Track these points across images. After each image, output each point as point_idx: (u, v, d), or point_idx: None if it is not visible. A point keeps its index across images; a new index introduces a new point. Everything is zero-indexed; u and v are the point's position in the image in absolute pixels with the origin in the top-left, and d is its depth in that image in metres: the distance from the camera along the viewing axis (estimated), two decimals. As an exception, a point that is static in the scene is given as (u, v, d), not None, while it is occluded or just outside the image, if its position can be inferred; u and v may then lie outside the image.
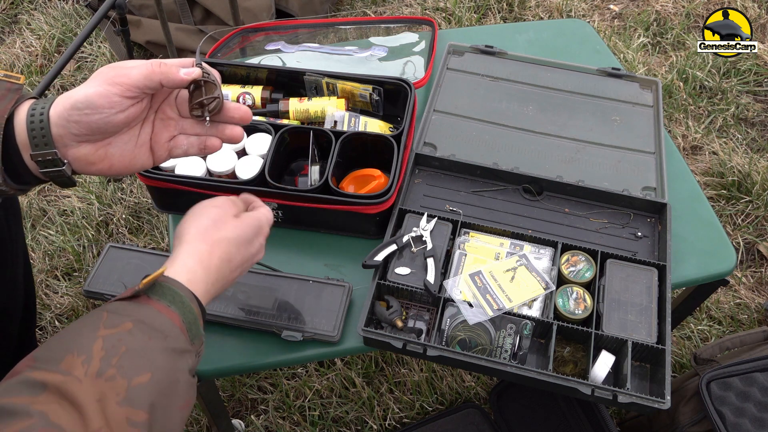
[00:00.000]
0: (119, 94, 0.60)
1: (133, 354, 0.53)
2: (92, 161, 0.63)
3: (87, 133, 0.61)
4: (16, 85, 0.62)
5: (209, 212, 0.68)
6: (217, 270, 0.64)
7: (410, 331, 0.82)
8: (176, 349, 0.56)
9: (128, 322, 0.55)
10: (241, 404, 1.39)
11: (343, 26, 1.28)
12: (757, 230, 1.68)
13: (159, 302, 0.57)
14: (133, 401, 0.51)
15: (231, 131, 0.69)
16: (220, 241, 0.66)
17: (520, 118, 1.08)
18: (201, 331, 0.60)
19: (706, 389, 1.06)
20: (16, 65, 2.12)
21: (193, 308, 0.59)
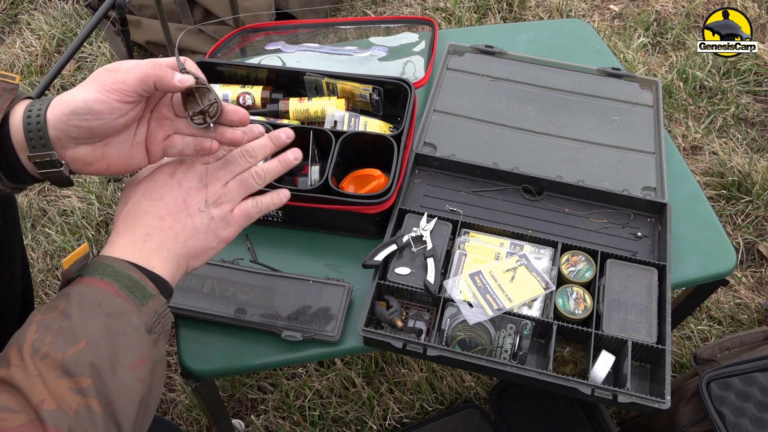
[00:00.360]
0: (119, 100, 0.61)
1: (66, 329, 0.54)
2: (90, 161, 0.64)
3: (86, 136, 0.62)
4: (12, 85, 0.63)
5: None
6: (132, 228, 0.64)
7: (410, 331, 0.82)
8: (113, 313, 0.56)
9: (62, 304, 0.56)
10: (241, 404, 1.39)
11: (343, 26, 1.28)
12: (757, 230, 1.68)
13: (90, 277, 0.58)
14: (71, 370, 0.52)
15: (231, 134, 0.69)
16: (124, 203, 0.67)
17: (520, 118, 1.08)
18: (150, 291, 0.59)
19: (706, 389, 1.06)
20: (16, 65, 2.12)
21: (129, 273, 0.59)
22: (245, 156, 0.70)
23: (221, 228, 0.68)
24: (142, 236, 0.63)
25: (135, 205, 0.66)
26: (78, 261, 0.59)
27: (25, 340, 0.53)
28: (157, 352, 0.59)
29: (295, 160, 0.72)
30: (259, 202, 0.70)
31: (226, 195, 0.69)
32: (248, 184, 0.70)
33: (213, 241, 0.67)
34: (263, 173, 0.70)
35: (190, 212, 0.66)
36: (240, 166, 0.70)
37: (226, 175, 0.70)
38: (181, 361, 0.84)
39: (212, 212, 0.67)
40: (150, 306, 0.59)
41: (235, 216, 0.69)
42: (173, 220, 0.65)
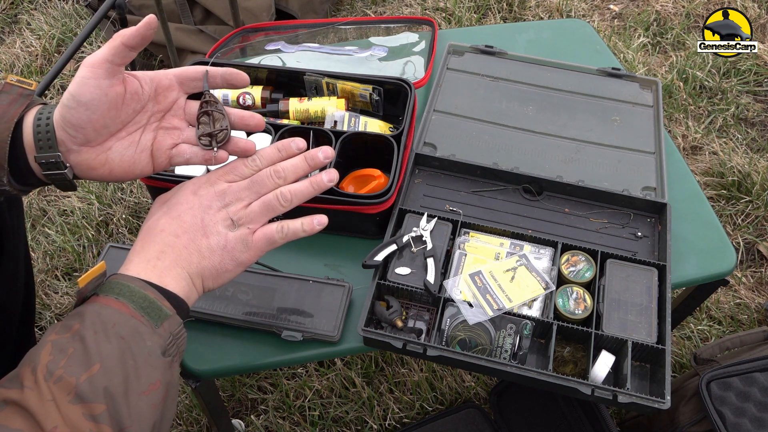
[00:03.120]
0: (92, 77, 0.60)
1: (80, 352, 0.53)
2: (93, 166, 0.64)
3: (80, 135, 0.62)
4: (28, 90, 0.64)
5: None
6: (148, 245, 0.63)
7: (410, 331, 0.82)
8: (127, 335, 0.55)
9: (76, 324, 0.55)
10: (241, 404, 1.39)
11: (343, 26, 1.28)
12: (757, 230, 1.68)
13: (105, 297, 0.57)
14: (84, 396, 0.51)
15: (245, 145, 0.69)
16: (148, 219, 0.66)
17: (520, 118, 1.08)
18: (165, 311, 0.58)
19: (706, 389, 1.06)
20: (16, 65, 2.12)
21: (144, 293, 0.58)
22: (273, 176, 0.67)
23: (239, 251, 0.65)
24: (156, 254, 0.62)
25: (155, 222, 0.65)
26: (94, 279, 0.58)
27: (39, 361, 0.52)
28: (170, 375, 0.57)
29: (329, 182, 0.68)
30: (286, 227, 0.67)
31: (247, 216, 0.66)
32: (272, 206, 0.66)
33: (229, 264, 0.65)
34: (290, 195, 0.67)
35: (206, 232, 0.64)
36: (267, 186, 0.67)
37: (251, 195, 0.67)
38: (181, 361, 0.84)
39: (230, 234, 0.65)
40: (165, 327, 0.58)
41: (255, 239, 0.66)
42: (188, 239, 0.63)
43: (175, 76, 0.68)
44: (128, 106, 0.64)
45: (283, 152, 0.69)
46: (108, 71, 0.61)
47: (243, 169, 0.68)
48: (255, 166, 0.68)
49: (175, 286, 0.61)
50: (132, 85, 0.65)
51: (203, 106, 0.68)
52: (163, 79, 0.67)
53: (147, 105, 0.66)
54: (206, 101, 0.68)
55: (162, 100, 0.67)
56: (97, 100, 0.61)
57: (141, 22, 0.62)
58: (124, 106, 0.64)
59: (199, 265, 0.63)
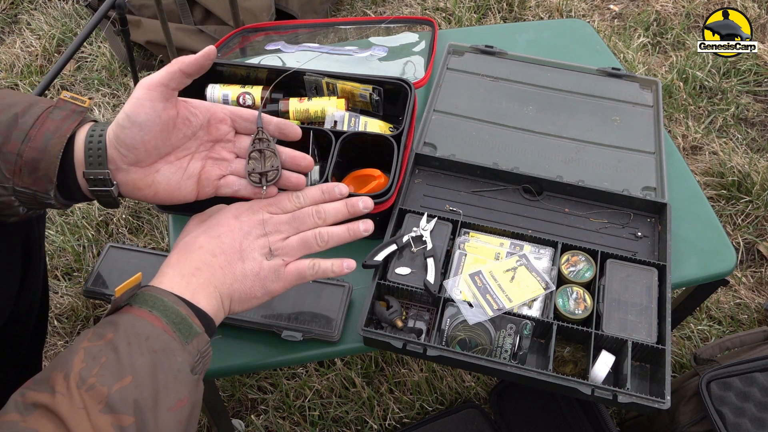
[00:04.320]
0: (148, 99, 0.63)
1: (113, 362, 0.53)
2: (139, 186, 0.66)
3: (131, 155, 0.64)
4: (81, 108, 0.66)
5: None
6: (184, 260, 0.64)
7: (410, 331, 0.82)
8: (159, 349, 0.55)
9: (110, 333, 0.55)
10: (241, 404, 1.39)
11: (343, 26, 1.28)
12: (757, 230, 1.68)
13: (140, 309, 0.58)
14: (115, 406, 0.51)
15: (297, 180, 0.72)
16: (184, 235, 0.69)
17: (520, 118, 1.08)
18: (196, 329, 0.59)
19: (706, 389, 1.06)
20: (16, 65, 2.12)
21: (177, 308, 0.59)
22: (315, 215, 0.71)
23: (270, 280, 0.67)
24: (191, 270, 0.63)
25: (193, 239, 0.67)
26: (130, 290, 0.59)
27: (72, 367, 0.53)
28: (196, 393, 0.58)
29: (365, 232, 0.72)
30: (317, 265, 0.69)
31: (284, 249, 0.68)
32: (309, 243, 0.69)
33: (258, 291, 0.66)
34: (327, 237, 0.70)
35: (242, 256, 0.66)
36: (306, 224, 0.70)
37: (290, 229, 0.70)
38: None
39: (265, 263, 0.67)
40: (194, 344, 0.59)
41: (287, 272, 0.68)
42: (225, 261, 0.65)
43: (230, 112, 0.71)
44: (179, 131, 0.67)
45: (326, 194, 0.73)
46: (163, 94, 0.63)
47: (286, 203, 0.71)
48: (298, 203, 0.71)
49: (206, 305, 0.62)
50: (184, 111, 0.67)
51: (256, 143, 0.70)
52: (218, 111, 0.70)
53: (198, 133, 0.69)
54: (259, 138, 0.70)
55: (214, 131, 0.70)
56: (150, 122, 0.63)
57: (201, 52, 0.65)
58: (175, 130, 0.66)
59: (231, 287, 0.65)
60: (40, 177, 0.62)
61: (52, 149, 0.61)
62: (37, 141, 0.61)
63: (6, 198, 0.63)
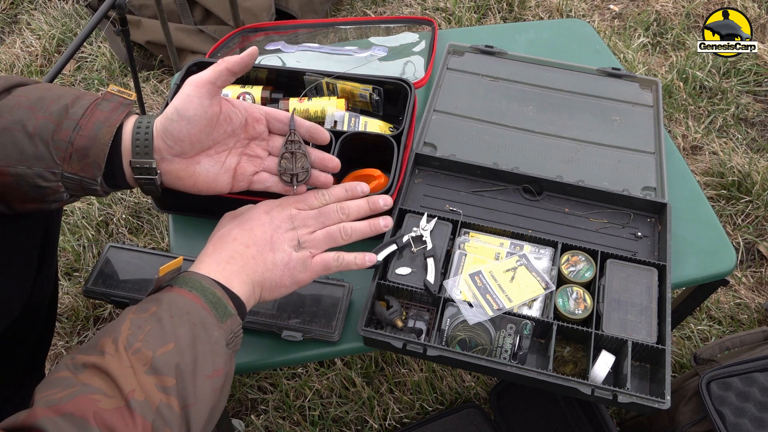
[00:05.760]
0: (196, 95, 0.67)
1: (157, 330, 0.58)
2: (180, 177, 0.71)
3: (177, 146, 0.69)
4: (128, 100, 0.70)
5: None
6: (220, 250, 0.70)
7: (410, 331, 0.82)
8: (198, 323, 0.60)
9: (153, 307, 0.60)
10: (241, 404, 1.39)
11: (343, 26, 1.28)
12: (757, 230, 1.68)
13: (180, 288, 0.63)
14: (158, 369, 0.56)
15: (325, 179, 0.78)
16: (218, 229, 0.74)
17: (520, 118, 1.08)
18: (230, 310, 0.63)
19: (706, 389, 1.06)
20: (16, 65, 2.12)
21: (214, 290, 0.63)
22: (339, 212, 0.76)
23: (298, 270, 0.72)
24: (226, 258, 0.68)
25: (227, 232, 0.72)
26: (171, 272, 0.64)
27: (120, 333, 0.57)
28: (230, 366, 0.63)
29: (384, 227, 0.78)
30: (341, 258, 0.74)
31: (311, 242, 0.74)
32: (334, 237, 0.75)
33: (287, 280, 0.71)
34: (350, 231, 0.76)
35: (273, 248, 0.71)
36: (332, 219, 0.76)
37: (316, 224, 0.75)
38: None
39: (294, 254, 0.71)
40: (228, 324, 0.63)
41: (314, 263, 0.73)
42: (257, 251, 0.70)
43: (266, 113, 0.76)
44: (221, 127, 0.71)
45: (349, 192, 0.79)
46: (210, 91, 0.68)
47: (313, 200, 0.77)
48: (324, 200, 0.77)
49: (239, 290, 0.66)
50: (227, 108, 0.72)
51: (288, 145, 0.76)
52: (255, 111, 0.75)
53: (237, 130, 0.73)
54: (291, 141, 0.76)
55: (251, 130, 0.75)
56: (198, 116, 0.68)
57: (245, 52, 0.70)
58: (218, 126, 0.71)
59: (263, 275, 0.69)
60: (89, 164, 0.66)
61: (102, 138, 0.65)
62: (87, 129, 0.65)
63: (53, 183, 0.66)
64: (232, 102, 0.73)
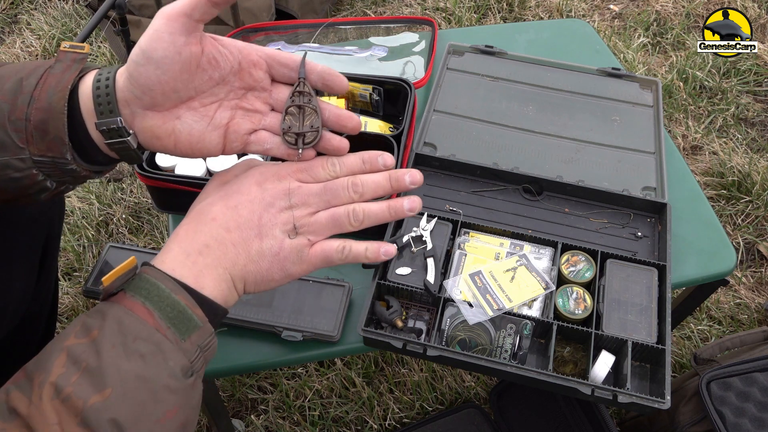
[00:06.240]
0: (166, 31, 0.53)
1: (93, 371, 0.47)
2: (158, 135, 0.57)
3: (145, 95, 0.55)
4: (81, 54, 0.58)
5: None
6: (193, 234, 0.56)
7: (410, 331, 0.82)
8: (148, 353, 0.49)
9: (95, 330, 0.49)
10: (241, 404, 1.39)
11: (343, 26, 1.28)
12: (757, 230, 1.68)
13: (133, 299, 0.51)
14: (89, 422, 0.46)
15: (339, 143, 0.62)
16: (201, 199, 0.60)
17: (520, 118, 1.08)
18: (196, 322, 0.52)
19: (706, 389, 1.06)
20: (16, 65, 2.11)
21: (175, 299, 0.51)
22: (350, 188, 0.61)
23: (291, 262, 0.58)
24: (199, 247, 0.55)
25: (208, 206, 0.59)
26: (122, 276, 0.52)
27: (51, 372, 0.47)
28: (190, 398, 0.52)
29: (409, 212, 0.62)
30: (348, 248, 0.60)
31: (311, 226, 0.59)
32: (340, 222, 0.60)
33: (276, 274, 0.58)
34: (362, 215, 0.60)
35: (261, 233, 0.57)
36: (340, 198, 0.60)
37: (320, 203, 0.60)
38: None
39: (286, 241, 0.58)
40: (193, 339, 0.52)
41: (312, 253, 0.59)
42: (239, 237, 0.57)
43: (267, 55, 0.60)
44: (204, 72, 0.57)
45: (366, 165, 0.62)
46: (185, 26, 0.54)
47: (319, 170, 0.61)
48: (333, 172, 0.61)
49: (212, 290, 0.55)
50: (211, 49, 0.57)
51: (295, 97, 0.60)
52: (252, 53, 0.59)
53: (228, 77, 0.59)
54: (300, 92, 0.60)
55: (246, 77, 0.60)
56: (169, 58, 0.54)
57: None
58: (200, 71, 0.56)
59: (245, 268, 0.57)
60: (53, 140, 0.55)
61: (56, 105, 0.54)
62: (41, 101, 0.54)
63: (27, 172, 0.56)
64: (221, 41, 0.58)
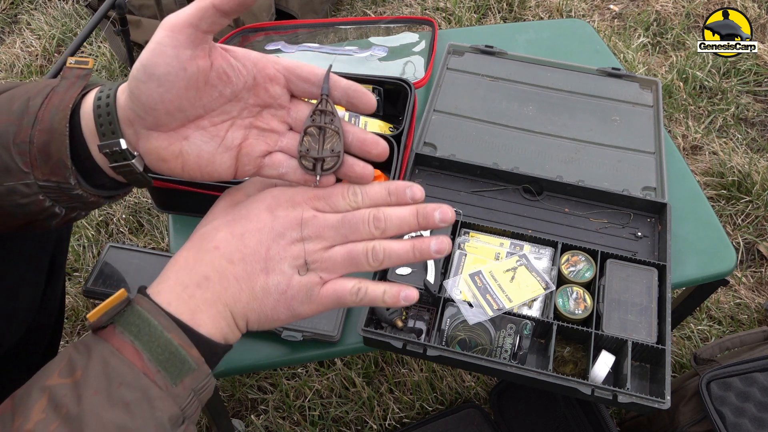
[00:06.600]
0: (170, 44, 0.48)
1: (72, 420, 0.43)
2: (164, 157, 0.52)
3: (148, 114, 0.50)
4: (85, 70, 0.53)
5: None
6: (193, 262, 0.51)
7: (410, 331, 0.82)
8: (133, 401, 0.44)
9: (79, 370, 0.45)
10: (241, 404, 1.39)
11: (343, 26, 1.28)
12: (757, 230, 1.68)
13: (121, 336, 0.47)
14: None
15: (362, 170, 0.55)
16: (208, 221, 0.55)
17: (520, 118, 1.08)
18: (190, 364, 0.47)
19: (706, 389, 1.06)
20: (16, 65, 2.12)
21: (168, 338, 0.47)
22: (371, 223, 0.53)
23: (298, 301, 0.52)
24: (198, 279, 0.50)
25: (212, 232, 0.53)
26: (109, 312, 0.48)
27: (30, 417, 0.43)
28: None
29: (436, 254, 0.54)
30: (363, 291, 0.53)
31: (324, 262, 0.52)
32: (357, 260, 0.53)
33: (282, 313, 0.52)
34: (382, 255, 0.53)
35: (268, 267, 0.51)
36: (359, 233, 0.53)
37: (336, 236, 0.53)
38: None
39: (295, 278, 0.52)
40: (186, 383, 0.47)
41: (323, 293, 0.53)
42: (243, 271, 0.51)
43: (285, 68, 0.53)
44: (214, 89, 0.51)
45: (392, 196, 0.55)
46: (191, 39, 0.48)
47: (339, 199, 0.54)
48: (354, 202, 0.55)
49: (210, 328, 0.50)
50: (221, 62, 0.51)
51: (316, 117, 0.54)
52: (269, 66, 0.53)
53: (241, 94, 0.53)
54: (322, 111, 0.54)
55: (261, 93, 0.53)
56: (173, 75, 0.48)
57: None
58: (209, 88, 0.51)
59: (247, 306, 0.51)
60: (56, 163, 0.50)
61: (58, 126, 0.50)
62: (44, 122, 0.50)
63: (33, 198, 0.52)
64: (233, 52, 0.52)
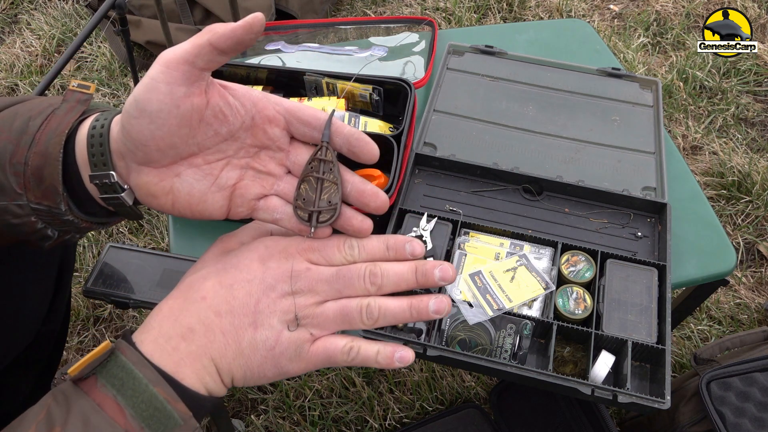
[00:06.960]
0: (164, 80, 0.46)
1: None
2: (154, 193, 0.50)
3: (138, 150, 0.49)
4: (86, 95, 0.53)
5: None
6: (179, 312, 0.49)
7: (410, 331, 0.82)
8: None
9: (57, 427, 0.42)
10: (241, 404, 1.39)
11: (343, 26, 1.28)
12: (757, 230, 1.68)
13: (104, 390, 0.44)
14: None
15: (360, 224, 0.53)
16: (198, 268, 0.53)
17: (520, 118, 1.08)
18: (175, 419, 0.44)
19: (706, 389, 1.06)
20: (16, 65, 2.12)
21: (153, 392, 0.44)
22: (367, 279, 0.51)
23: (287, 358, 0.49)
24: (183, 331, 0.48)
25: (199, 281, 0.51)
26: (91, 364, 0.45)
27: None
28: None
29: (435, 314, 0.51)
30: (355, 350, 0.51)
31: (315, 318, 0.50)
32: (350, 317, 0.51)
33: (269, 371, 0.50)
34: (377, 313, 0.51)
35: (256, 321, 0.49)
36: (354, 288, 0.51)
37: (330, 291, 0.51)
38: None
39: (284, 333, 0.49)
40: None
41: (312, 351, 0.50)
42: (230, 324, 0.49)
43: (286, 110, 0.52)
44: (209, 127, 0.50)
45: (390, 251, 0.54)
46: (186, 76, 0.47)
47: (335, 252, 0.53)
48: (350, 256, 0.53)
49: (194, 381, 0.47)
50: (218, 100, 0.50)
51: (314, 165, 0.52)
52: (268, 107, 0.52)
53: (238, 134, 0.51)
54: (321, 159, 0.52)
55: (259, 134, 0.52)
56: (165, 112, 0.47)
57: (241, 21, 0.47)
58: (203, 126, 0.49)
59: (233, 361, 0.49)
60: (48, 188, 0.49)
61: (52, 151, 0.49)
62: (40, 144, 0.49)
63: (25, 219, 0.51)
64: (232, 90, 0.51)
